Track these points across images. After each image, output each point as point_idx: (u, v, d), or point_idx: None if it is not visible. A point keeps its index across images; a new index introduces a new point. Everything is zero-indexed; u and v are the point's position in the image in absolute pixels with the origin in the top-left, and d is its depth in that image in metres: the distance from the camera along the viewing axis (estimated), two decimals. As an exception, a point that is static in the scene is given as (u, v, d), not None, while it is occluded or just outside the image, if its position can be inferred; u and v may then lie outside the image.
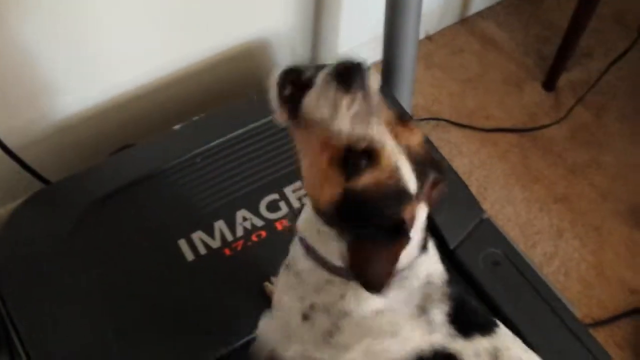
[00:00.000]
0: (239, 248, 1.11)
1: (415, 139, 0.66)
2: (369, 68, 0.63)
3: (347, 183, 0.64)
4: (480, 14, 1.85)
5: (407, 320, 0.74)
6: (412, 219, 0.67)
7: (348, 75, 0.62)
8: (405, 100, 1.41)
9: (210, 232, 1.12)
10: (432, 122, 1.61)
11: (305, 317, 0.76)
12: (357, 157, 0.64)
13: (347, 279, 0.71)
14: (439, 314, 0.74)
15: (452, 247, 1.16)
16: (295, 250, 0.77)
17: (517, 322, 1.05)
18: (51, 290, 1.07)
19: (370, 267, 0.65)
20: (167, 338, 1.03)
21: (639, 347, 1.29)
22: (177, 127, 1.24)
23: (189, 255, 1.09)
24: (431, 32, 1.80)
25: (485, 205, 1.41)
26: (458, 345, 0.73)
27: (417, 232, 0.70)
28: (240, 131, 1.22)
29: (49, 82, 1.18)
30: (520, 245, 1.36)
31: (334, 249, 0.69)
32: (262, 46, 1.44)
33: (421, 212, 0.69)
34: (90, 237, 1.11)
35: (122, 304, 1.06)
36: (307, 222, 0.73)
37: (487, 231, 1.21)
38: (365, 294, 0.68)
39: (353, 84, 0.62)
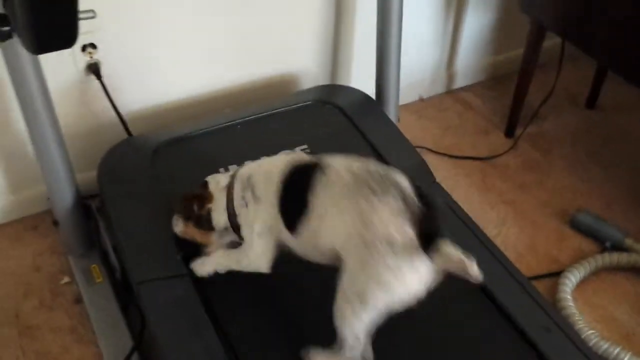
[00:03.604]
0: (259, 177, 1.62)
1: None
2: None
3: None
4: (463, 88, 2.43)
5: None
6: None
7: None
8: (392, 114, 1.95)
9: (240, 164, 1.62)
10: (417, 149, 2.13)
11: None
12: None
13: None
14: None
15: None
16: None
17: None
18: (133, 200, 1.58)
19: None
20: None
21: (556, 302, 1.68)
22: (227, 110, 1.81)
23: (225, 177, 1.61)
24: (424, 96, 2.38)
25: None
26: None
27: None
28: (266, 114, 1.78)
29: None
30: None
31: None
32: (292, 80, 2.04)
33: None
34: (162, 165, 1.64)
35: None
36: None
37: (437, 190, 1.69)
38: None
39: None
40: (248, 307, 1.38)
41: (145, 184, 1.60)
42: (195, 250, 1.41)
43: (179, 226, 1.39)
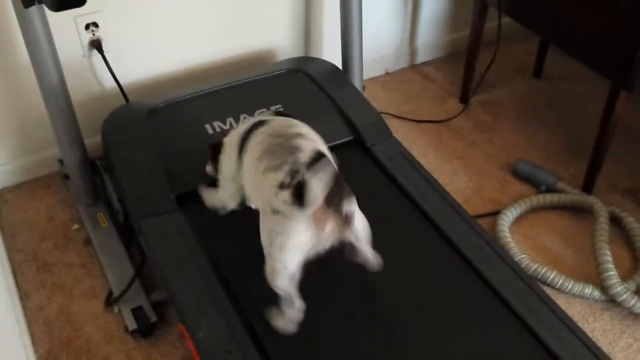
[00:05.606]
0: (240, 132, 1.90)
1: None
2: None
3: None
4: (424, 63, 2.72)
5: None
6: None
7: None
8: (357, 82, 2.24)
9: (223, 122, 1.91)
10: (379, 112, 2.41)
11: None
12: None
13: None
14: None
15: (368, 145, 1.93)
16: None
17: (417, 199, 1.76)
18: (132, 153, 1.86)
19: None
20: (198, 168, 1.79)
21: (495, 234, 1.96)
22: (211, 78, 2.10)
23: (210, 131, 1.89)
24: (389, 70, 2.66)
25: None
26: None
27: None
28: (246, 80, 2.06)
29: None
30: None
31: None
32: (269, 53, 2.32)
33: None
34: (155, 125, 1.92)
35: (172, 152, 1.83)
36: None
37: (394, 143, 1.97)
38: None
39: None
40: (234, 238, 1.66)
41: (141, 140, 1.88)
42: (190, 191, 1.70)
43: (209, 167, 1.66)
